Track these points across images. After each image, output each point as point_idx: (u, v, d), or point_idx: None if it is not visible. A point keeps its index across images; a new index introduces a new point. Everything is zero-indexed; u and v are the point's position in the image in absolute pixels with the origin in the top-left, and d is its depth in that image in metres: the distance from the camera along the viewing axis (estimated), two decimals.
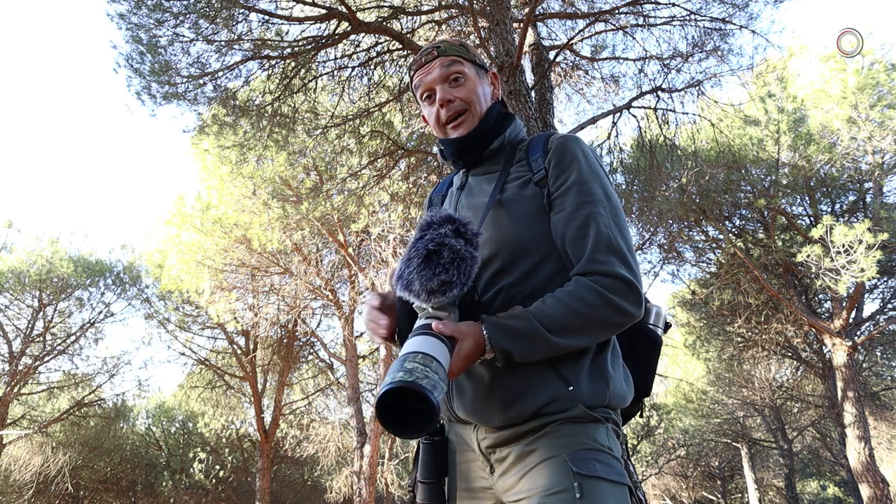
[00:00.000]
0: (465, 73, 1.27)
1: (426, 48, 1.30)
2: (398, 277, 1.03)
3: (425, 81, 1.28)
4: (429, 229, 1.03)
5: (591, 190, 1.15)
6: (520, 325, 1.03)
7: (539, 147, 1.25)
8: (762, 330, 10.76)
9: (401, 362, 0.90)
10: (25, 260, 12.43)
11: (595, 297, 1.05)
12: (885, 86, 8.26)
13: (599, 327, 1.07)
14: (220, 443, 16.88)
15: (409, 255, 1.03)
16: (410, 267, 1.01)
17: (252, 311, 10.38)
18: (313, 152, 7.19)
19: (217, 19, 4.95)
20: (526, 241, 1.16)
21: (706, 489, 21.06)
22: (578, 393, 1.07)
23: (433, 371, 0.89)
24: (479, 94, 1.28)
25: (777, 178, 8.64)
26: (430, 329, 0.99)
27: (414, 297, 1.01)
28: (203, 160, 8.81)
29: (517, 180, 1.23)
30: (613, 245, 1.10)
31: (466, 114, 1.26)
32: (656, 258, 10.69)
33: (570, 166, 1.17)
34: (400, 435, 0.90)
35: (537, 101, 5.63)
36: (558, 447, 1.04)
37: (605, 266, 1.08)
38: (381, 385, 0.90)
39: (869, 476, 8.36)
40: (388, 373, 0.91)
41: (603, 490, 0.99)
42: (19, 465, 13.58)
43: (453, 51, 1.28)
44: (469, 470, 1.17)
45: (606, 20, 6.59)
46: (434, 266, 0.99)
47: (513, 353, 1.03)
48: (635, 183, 8.66)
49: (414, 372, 0.87)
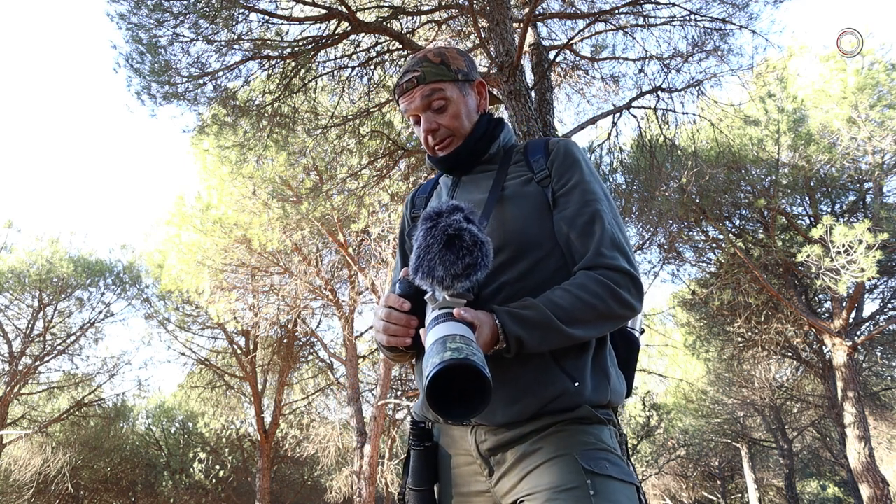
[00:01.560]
0: (447, 98, 1.26)
1: (407, 71, 1.28)
2: (416, 267, 1.01)
3: (409, 109, 1.28)
4: (439, 218, 1.02)
5: (594, 189, 1.20)
6: (533, 315, 1.04)
7: (539, 149, 1.28)
8: (762, 330, 10.76)
9: (441, 344, 0.87)
10: (25, 260, 12.42)
11: (603, 289, 1.08)
12: (885, 86, 8.26)
13: (606, 319, 1.09)
14: (220, 443, 16.88)
15: (425, 244, 1.01)
16: (431, 254, 0.99)
17: (252, 311, 10.38)
18: (313, 152, 7.19)
19: (217, 19, 4.95)
20: (531, 236, 1.17)
21: (706, 489, 21.06)
22: (583, 389, 1.08)
23: (477, 350, 0.88)
24: (463, 115, 1.28)
25: (777, 178, 8.64)
26: (452, 316, 0.97)
27: (437, 283, 0.99)
28: (203, 160, 8.80)
29: (518, 178, 1.25)
30: (617, 241, 1.15)
31: (452, 138, 1.28)
32: (656, 258, 10.69)
33: (573, 167, 1.22)
34: (453, 418, 0.87)
35: (537, 101, 5.63)
36: (566, 446, 1.04)
37: (610, 260, 1.11)
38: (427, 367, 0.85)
39: (869, 476, 8.36)
40: (426, 357, 0.89)
41: (616, 488, 1.00)
42: (19, 465, 13.57)
43: (433, 76, 1.25)
44: (462, 474, 1.14)
45: (606, 20, 6.59)
46: (457, 250, 0.98)
47: (526, 342, 1.03)
48: (635, 183, 8.66)
49: (462, 350, 0.85)
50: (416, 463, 1.14)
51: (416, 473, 1.14)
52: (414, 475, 1.14)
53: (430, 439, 1.17)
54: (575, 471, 1.00)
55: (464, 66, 1.30)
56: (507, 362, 1.08)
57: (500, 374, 1.09)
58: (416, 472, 1.14)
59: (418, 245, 1.02)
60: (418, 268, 1.01)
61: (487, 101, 1.35)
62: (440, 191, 1.39)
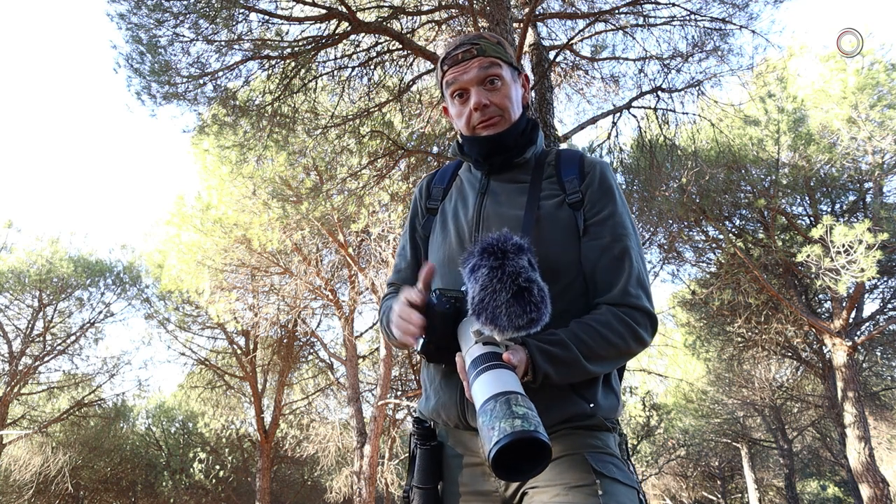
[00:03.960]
0: (502, 77, 1.23)
1: (463, 42, 1.24)
2: (479, 309, 0.97)
3: (460, 80, 1.23)
4: (505, 258, 0.97)
5: (625, 223, 1.21)
6: (561, 353, 1.05)
7: (574, 168, 1.25)
8: (762, 330, 10.76)
9: (506, 405, 0.86)
10: (25, 260, 12.42)
11: (626, 329, 1.11)
12: (885, 86, 8.26)
13: (624, 356, 1.13)
14: (220, 443, 16.88)
15: (491, 287, 0.96)
16: (497, 301, 0.95)
17: (252, 311, 10.39)
18: (313, 152, 7.19)
19: (217, 19, 4.95)
20: (562, 262, 1.17)
21: (706, 489, 21.07)
22: (597, 410, 1.12)
23: (534, 412, 0.87)
24: (514, 100, 1.25)
25: (777, 178, 8.64)
26: (502, 360, 0.96)
27: (498, 331, 0.97)
28: (203, 160, 8.80)
29: (551, 199, 1.22)
30: (642, 280, 1.17)
31: (500, 119, 1.24)
32: (656, 258, 10.69)
33: (607, 196, 1.22)
34: (512, 479, 0.87)
35: (537, 101, 5.63)
36: (575, 446, 1.08)
37: (635, 300, 1.14)
38: (497, 431, 0.84)
39: (869, 476, 8.36)
40: (491, 418, 0.86)
41: (621, 491, 1.04)
42: (19, 465, 13.57)
43: (492, 51, 1.23)
44: (472, 473, 1.16)
45: (606, 20, 6.59)
46: (524, 304, 0.96)
47: (552, 377, 1.04)
48: (635, 183, 8.66)
49: (529, 418, 0.85)
50: (422, 462, 1.16)
51: (422, 472, 1.16)
52: (419, 474, 1.16)
53: (434, 438, 1.19)
54: (585, 469, 1.05)
55: (514, 55, 1.32)
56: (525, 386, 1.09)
57: None
58: (421, 470, 1.16)
59: (482, 286, 0.97)
60: (481, 311, 0.97)
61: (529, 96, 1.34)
62: (462, 188, 1.33)
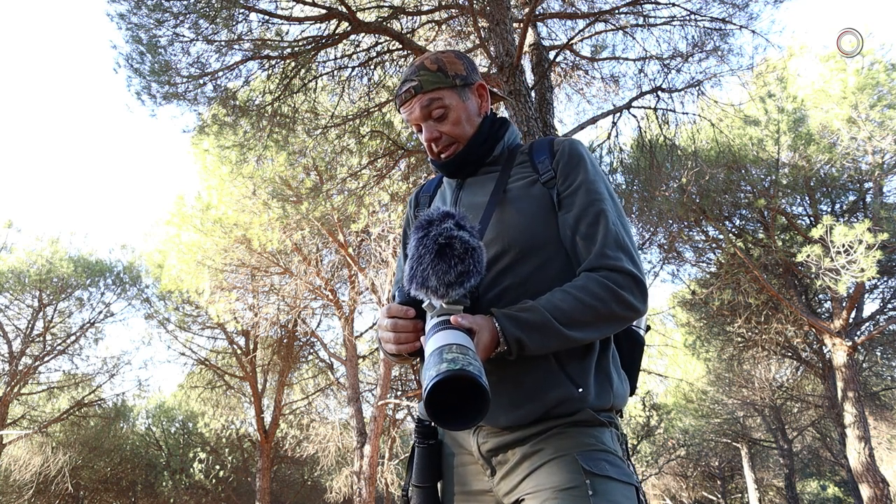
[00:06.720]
0: (446, 106, 1.24)
1: (405, 80, 1.27)
2: (410, 277, 1.01)
3: (410, 119, 1.28)
4: (430, 226, 1.02)
5: (599, 189, 1.19)
6: (532, 317, 1.03)
7: (544, 150, 1.26)
8: (762, 330, 10.75)
9: (438, 355, 0.88)
10: (25, 260, 12.42)
11: (604, 291, 1.07)
12: (885, 86, 8.26)
13: (608, 321, 1.08)
14: (220, 443, 16.88)
15: (417, 254, 1.01)
16: (423, 264, 0.99)
17: (252, 311, 10.38)
18: (313, 152, 7.19)
19: (217, 19, 4.95)
20: (534, 238, 1.16)
21: (706, 489, 21.06)
22: (587, 394, 1.08)
23: (473, 358, 0.88)
24: (464, 121, 1.26)
25: (777, 178, 8.64)
26: (450, 323, 0.98)
27: (431, 293, 1.00)
28: (203, 160, 8.80)
29: (522, 180, 1.24)
30: (621, 242, 1.13)
31: (455, 144, 1.27)
32: (656, 258, 10.69)
33: (578, 167, 1.21)
34: (452, 427, 0.88)
35: (537, 101, 5.63)
36: (567, 447, 1.05)
37: (614, 262, 1.10)
38: (426, 380, 0.86)
39: (869, 476, 8.36)
40: (424, 369, 0.89)
41: (614, 489, 1.01)
42: (19, 465, 13.57)
43: (430, 84, 1.24)
44: (466, 473, 1.16)
45: (606, 20, 6.59)
46: (448, 258, 0.98)
47: (526, 344, 1.03)
48: (635, 183, 8.66)
49: (458, 360, 0.86)
50: (420, 460, 1.15)
51: (420, 470, 1.15)
52: (418, 472, 1.15)
53: (434, 437, 1.18)
54: (574, 471, 1.01)
55: (462, 71, 1.28)
56: (511, 366, 1.08)
57: (504, 378, 1.09)
58: (419, 469, 1.15)
59: (411, 255, 1.02)
60: (412, 278, 1.01)
61: (489, 102, 1.34)
62: (444, 191, 1.38)
